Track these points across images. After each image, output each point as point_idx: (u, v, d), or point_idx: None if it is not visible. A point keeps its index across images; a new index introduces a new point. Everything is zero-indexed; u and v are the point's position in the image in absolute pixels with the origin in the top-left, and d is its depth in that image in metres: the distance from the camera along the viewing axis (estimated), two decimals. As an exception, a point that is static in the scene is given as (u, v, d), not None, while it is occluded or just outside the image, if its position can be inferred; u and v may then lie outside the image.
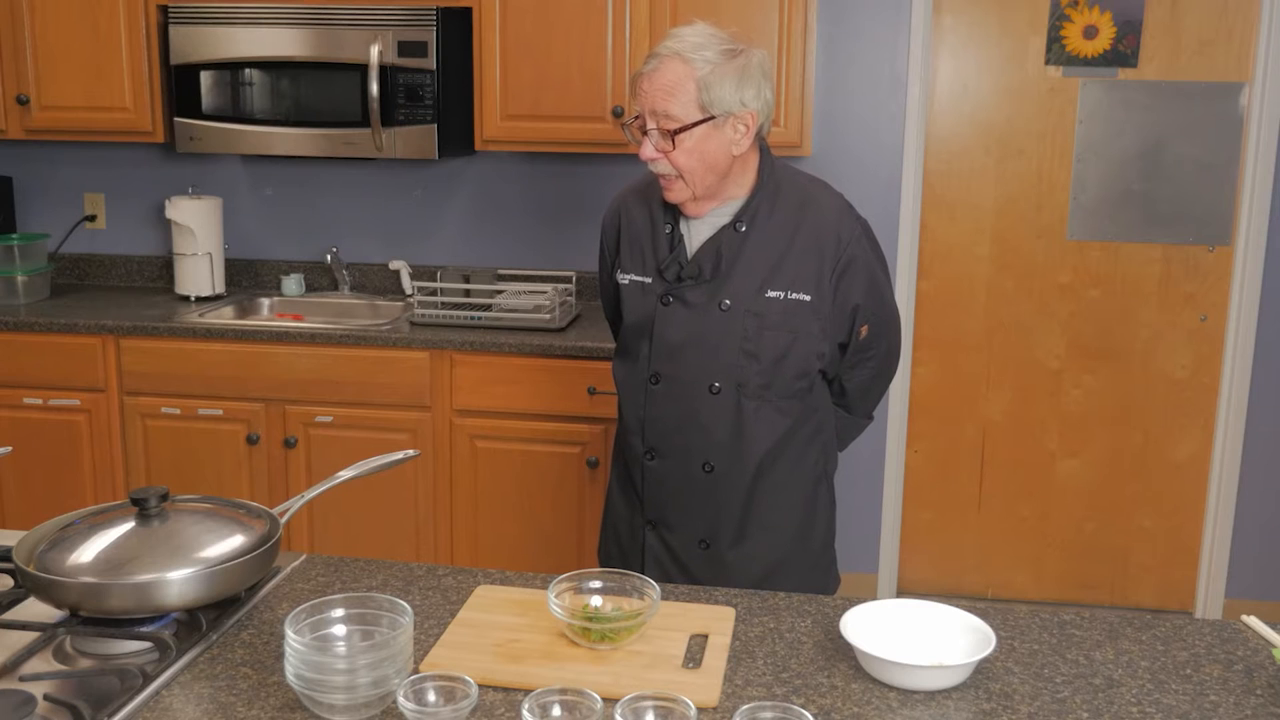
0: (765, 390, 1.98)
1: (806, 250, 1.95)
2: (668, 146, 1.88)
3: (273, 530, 1.56)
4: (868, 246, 2.02)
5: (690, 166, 1.89)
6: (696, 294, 1.97)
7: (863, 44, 3.61)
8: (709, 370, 1.98)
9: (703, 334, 1.97)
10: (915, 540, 3.92)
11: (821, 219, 1.97)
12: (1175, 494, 3.78)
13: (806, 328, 1.96)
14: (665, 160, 1.90)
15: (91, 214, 4.03)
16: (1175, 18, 3.51)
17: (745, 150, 1.94)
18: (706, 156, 1.90)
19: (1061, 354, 3.75)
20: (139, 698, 1.31)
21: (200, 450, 3.39)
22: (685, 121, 1.86)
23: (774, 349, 1.96)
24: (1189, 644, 1.51)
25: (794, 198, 1.99)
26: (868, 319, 2.03)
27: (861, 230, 2.01)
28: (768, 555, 2.05)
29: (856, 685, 1.38)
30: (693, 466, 2.02)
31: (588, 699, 1.24)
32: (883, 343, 2.09)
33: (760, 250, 1.95)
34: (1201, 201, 3.61)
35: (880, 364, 2.12)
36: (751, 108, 1.90)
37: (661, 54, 1.88)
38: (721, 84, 1.86)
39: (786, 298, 1.94)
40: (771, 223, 1.96)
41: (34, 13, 3.51)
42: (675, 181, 1.92)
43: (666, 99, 1.86)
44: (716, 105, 1.87)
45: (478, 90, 3.40)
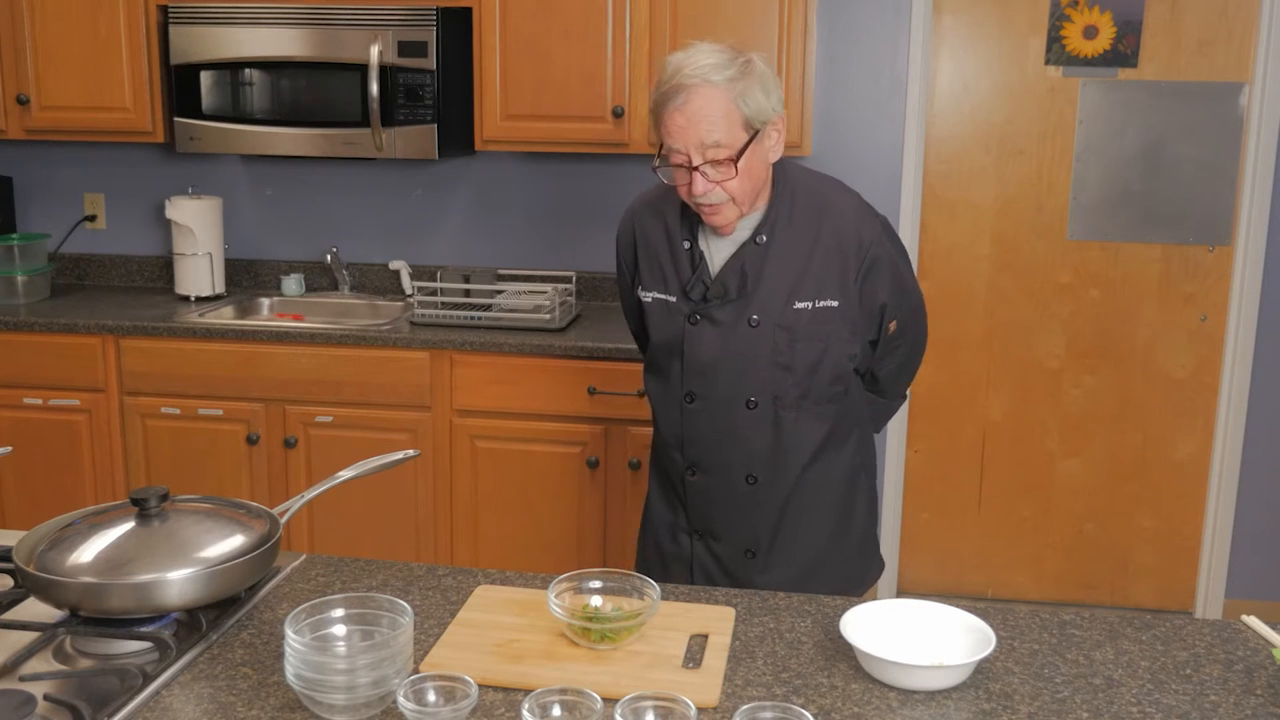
0: (803, 400, 1.96)
1: (829, 255, 1.93)
2: (728, 175, 1.81)
3: (273, 530, 1.56)
4: (889, 244, 2.00)
5: (744, 187, 1.84)
6: (724, 312, 1.94)
7: (863, 44, 3.61)
8: (744, 386, 1.95)
9: (734, 351, 1.94)
10: (915, 540, 3.92)
11: (842, 223, 1.95)
12: (1175, 494, 3.78)
13: (837, 333, 1.94)
14: (719, 189, 1.83)
15: (91, 214, 4.03)
16: (1175, 18, 3.51)
17: (777, 157, 1.91)
18: (754, 173, 1.85)
19: (1061, 354, 3.75)
20: (139, 698, 1.31)
21: (200, 450, 3.39)
22: (737, 145, 1.80)
23: (807, 359, 1.94)
24: (1189, 644, 1.51)
25: (811, 203, 1.95)
26: (895, 315, 2.03)
27: (881, 228, 2.00)
28: (809, 553, 2.05)
29: (856, 685, 1.38)
30: (735, 480, 2.00)
31: (588, 699, 1.24)
32: (911, 330, 2.10)
33: (783, 261, 1.92)
34: (1201, 201, 3.61)
35: (910, 348, 2.13)
36: (780, 111, 1.87)
37: (686, 85, 1.79)
38: (754, 95, 1.80)
39: (815, 306, 1.92)
40: (791, 231, 1.93)
41: (34, 13, 3.51)
42: (725, 207, 1.86)
43: (712, 127, 1.78)
44: (757, 118, 1.82)
45: (478, 90, 3.40)
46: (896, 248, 2.03)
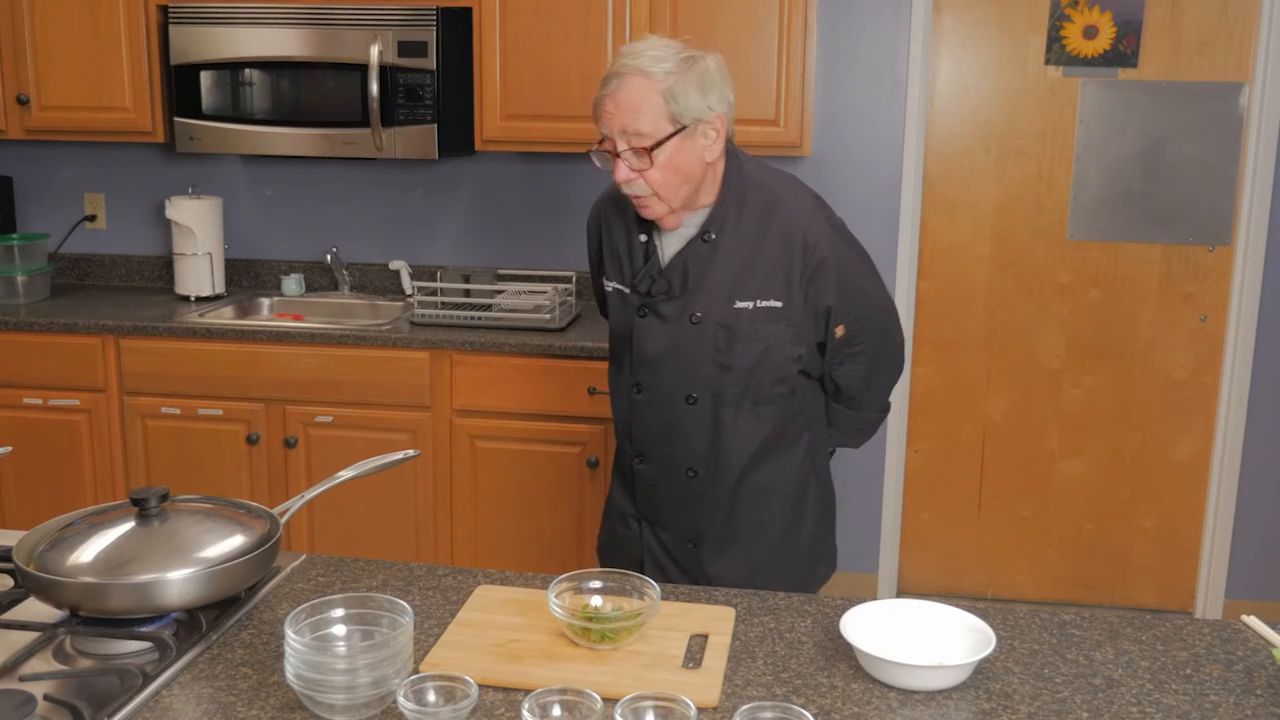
0: (742, 399, 1.97)
1: (775, 256, 1.92)
2: (644, 165, 1.84)
3: (273, 530, 1.56)
4: (841, 246, 1.99)
5: (666, 182, 1.86)
6: (669, 307, 1.96)
7: (863, 44, 3.61)
8: (684, 382, 1.97)
9: (677, 347, 1.96)
10: (915, 540, 3.92)
11: (789, 222, 1.94)
12: (1175, 494, 3.78)
13: (779, 334, 1.94)
14: (641, 180, 1.86)
15: (91, 214, 4.03)
16: (1175, 18, 3.51)
17: (718, 156, 1.92)
18: (681, 168, 1.86)
19: (1061, 354, 3.75)
20: (139, 698, 1.31)
21: (200, 450, 3.39)
22: (657, 136, 1.83)
23: (747, 359, 1.94)
24: (1189, 644, 1.51)
25: (761, 202, 1.95)
26: (843, 318, 1.99)
27: (831, 230, 1.98)
28: (756, 553, 2.06)
29: (856, 685, 1.38)
30: (676, 472, 2.03)
31: (588, 699, 1.24)
32: (869, 335, 2.04)
33: (728, 260, 1.93)
34: (1201, 201, 3.61)
35: (873, 356, 2.07)
36: (718, 110, 1.87)
37: (621, 72, 1.84)
38: (686, 92, 1.82)
39: (756, 306, 1.92)
40: (740, 230, 1.93)
41: (34, 13, 3.51)
42: (650, 200, 1.89)
43: (635, 117, 1.82)
44: (685, 114, 1.83)
45: (478, 90, 3.40)
46: (851, 250, 2.02)
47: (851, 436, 2.17)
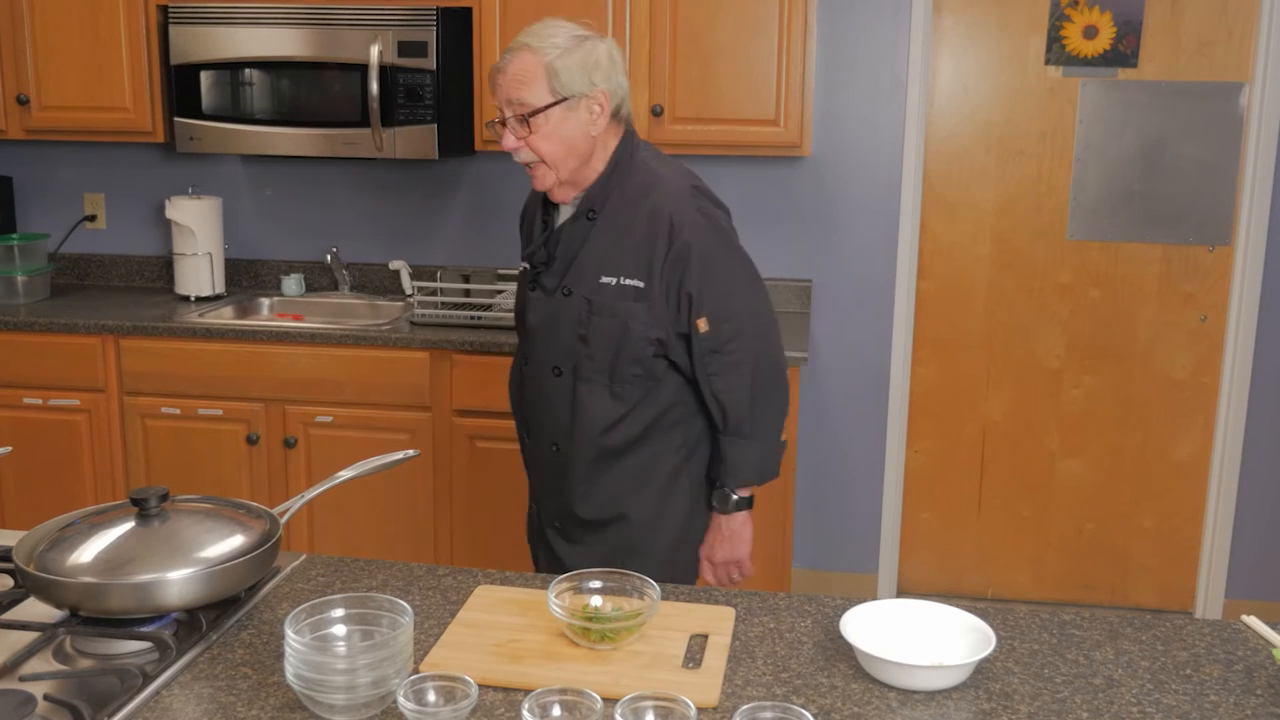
0: (598, 374, 2.02)
1: (643, 234, 1.98)
2: (525, 132, 1.95)
3: (273, 530, 1.56)
4: (711, 238, 2.01)
5: (551, 151, 1.96)
6: (549, 279, 2.06)
7: (863, 44, 3.61)
8: (552, 353, 2.06)
9: (550, 319, 2.05)
10: (915, 540, 3.92)
11: (660, 202, 1.99)
12: (1175, 494, 3.78)
13: (636, 314, 1.98)
14: (526, 148, 1.96)
15: (91, 214, 4.03)
16: (1175, 18, 3.51)
17: (604, 132, 2.00)
18: (566, 139, 1.96)
19: (1061, 354, 3.75)
20: (139, 698, 1.31)
21: (200, 450, 3.39)
22: (537, 105, 1.93)
23: (603, 334, 2.00)
24: (1189, 644, 1.51)
25: (643, 183, 2.01)
26: (706, 311, 1.99)
27: (702, 218, 2.00)
28: (614, 540, 2.08)
29: (856, 685, 1.38)
30: (545, 447, 2.12)
31: (588, 699, 1.24)
32: (742, 344, 2.02)
33: (603, 236, 2.00)
34: (1201, 201, 3.61)
35: (752, 372, 2.02)
36: (602, 87, 1.96)
37: (513, 48, 1.97)
38: (568, 67, 1.93)
39: (619, 284, 1.98)
40: (619, 209, 2.01)
41: (34, 13, 3.51)
42: (539, 168, 1.99)
43: (518, 87, 1.94)
44: (566, 87, 1.93)
45: (478, 90, 3.40)
46: (723, 245, 2.03)
47: (752, 473, 2.09)
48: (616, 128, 2.03)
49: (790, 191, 3.69)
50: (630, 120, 2.07)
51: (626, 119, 2.05)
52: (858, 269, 3.71)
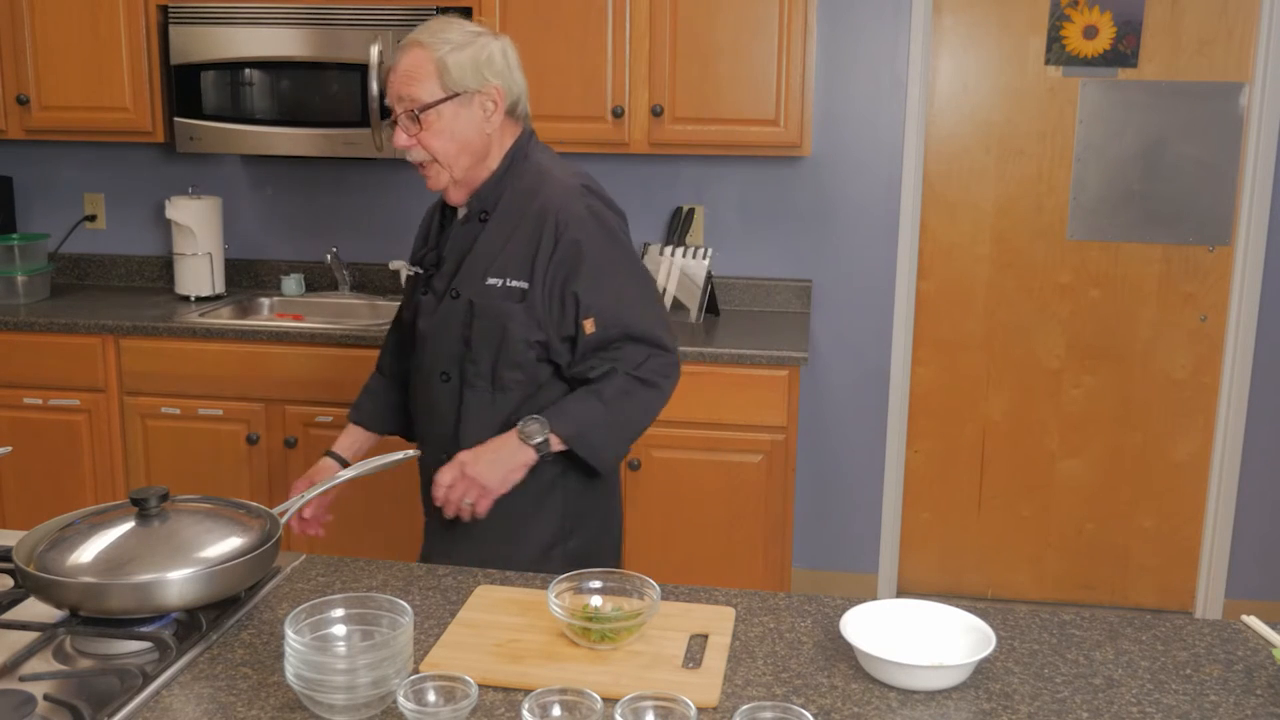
0: (480, 379, 1.97)
1: (530, 235, 1.93)
2: (416, 129, 1.91)
3: (273, 530, 1.56)
4: (599, 234, 1.94)
5: (443, 148, 1.92)
6: (439, 283, 2.01)
7: (863, 44, 3.61)
8: (440, 359, 2.00)
9: (439, 323, 2.00)
10: (915, 540, 3.92)
11: (547, 202, 1.94)
12: (1175, 494, 3.78)
13: (517, 316, 1.92)
14: (418, 145, 1.92)
15: (91, 214, 4.03)
16: (1175, 18, 3.51)
17: (499, 130, 1.96)
18: (458, 136, 1.92)
19: (1061, 354, 3.75)
20: (139, 698, 1.31)
21: (200, 450, 3.39)
22: (427, 101, 1.90)
23: (485, 337, 1.94)
24: (1189, 644, 1.51)
25: (533, 183, 1.97)
26: (593, 313, 1.92)
27: (590, 215, 1.94)
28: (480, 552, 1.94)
29: (856, 685, 1.38)
30: (437, 455, 2.01)
31: (588, 699, 1.24)
32: (629, 350, 1.94)
33: (492, 238, 1.96)
34: (1201, 201, 3.61)
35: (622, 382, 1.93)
36: (495, 83, 1.93)
37: (405, 45, 1.93)
38: (460, 62, 1.90)
39: (504, 285, 1.93)
40: (509, 210, 1.96)
41: (34, 13, 3.51)
42: (431, 167, 1.95)
43: (409, 83, 1.90)
44: (458, 83, 1.90)
45: (478, 90, 3.40)
46: (613, 247, 1.96)
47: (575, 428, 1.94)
48: (513, 127, 1.99)
49: (790, 191, 3.69)
50: (528, 120, 2.02)
51: (524, 118, 2.00)
52: (858, 269, 3.71)
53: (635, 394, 1.94)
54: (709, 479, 3.20)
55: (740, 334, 3.35)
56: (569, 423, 1.91)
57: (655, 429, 3.17)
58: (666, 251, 3.57)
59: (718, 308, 3.64)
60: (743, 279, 3.73)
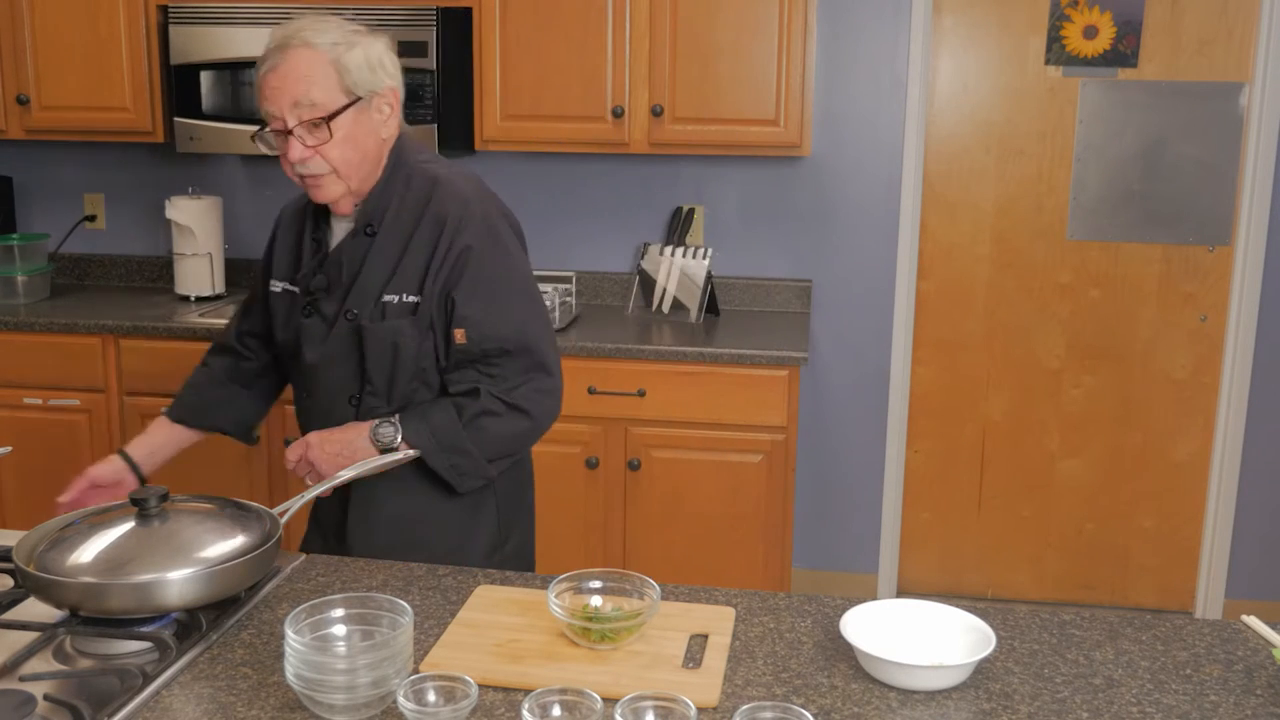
0: (377, 399, 1.87)
1: (424, 246, 1.82)
2: (323, 137, 1.75)
3: (273, 530, 1.56)
4: (489, 244, 1.84)
5: (346, 157, 1.78)
6: (329, 304, 1.87)
7: (863, 44, 3.61)
8: (345, 382, 1.89)
9: (334, 347, 1.87)
10: (915, 540, 3.92)
11: (441, 209, 1.83)
12: (1175, 494, 3.78)
13: (403, 331, 1.83)
14: (317, 156, 1.77)
15: (91, 214, 4.03)
16: (1175, 18, 3.51)
17: (391, 135, 1.85)
18: (360, 143, 1.79)
19: (1061, 354, 3.75)
20: (139, 698, 1.31)
21: (200, 450, 3.38)
22: (333, 107, 1.75)
23: (379, 358, 1.85)
24: (1189, 644, 1.51)
25: (421, 190, 1.85)
26: (465, 324, 1.82)
27: (484, 223, 1.84)
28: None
29: (856, 685, 1.38)
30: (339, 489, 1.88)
31: (588, 699, 1.24)
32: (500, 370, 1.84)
33: (383, 252, 1.84)
34: (1201, 201, 3.61)
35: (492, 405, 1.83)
36: (390, 84, 1.82)
37: (284, 46, 1.76)
38: (356, 63, 1.76)
39: (401, 301, 1.83)
40: (399, 220, 1.84)
41: (34, 13, 3.51)
42: (326, 179, 1.80)
43: (306, 86, 1.73)
44: (360, 85, 1.77)
45: (478, 90, 3.40)
46: (500, 253, 1.86)
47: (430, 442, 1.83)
48: (397, 130, 1.87)
49: (790, 191, 3.69)
50: (402, 122, 1.89)
51: (401, 119, 1.88)
52: (858, 269, 3.71)
53: (502, 417, 1.84)
54: (709, 479, 3.20)
55: (740, 334, 3.35)
56: (423, 435, 1.82)
57: (655, 429, 3.19)
58: (666, 251, 3.57)
59: (718, 308, 3.64)
60: (743, 279, 3.73)
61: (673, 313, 3.56)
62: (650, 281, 3.60)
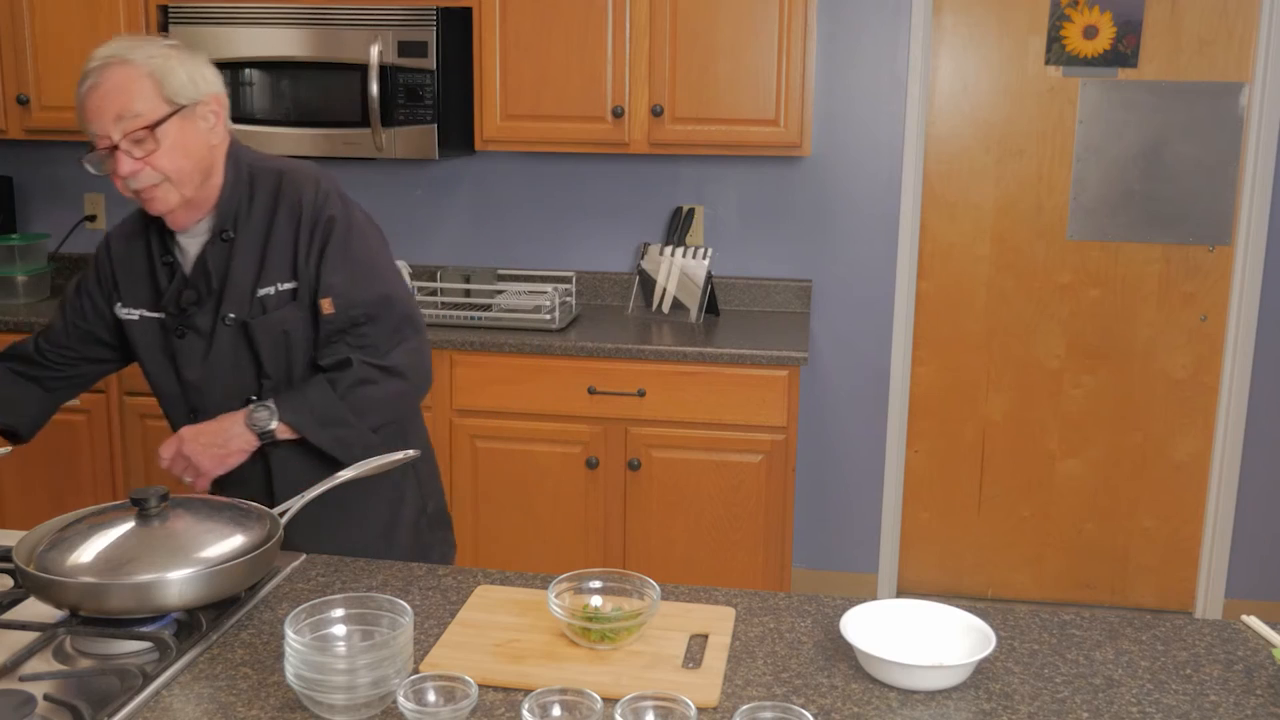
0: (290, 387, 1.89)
1: (286, 232, 1.86)
2: (150, 148, 1.77)
3: (273, 530, 1.56)
4: (346, 215, 1.89)
5: (177, 167, 1.79)
6: (202, 317, 1.89)
7: (863, 44, 3.61)
8: (237, 387, 1.89)
9: (220, 355, 1.88)
10: (915, 540, 3.92)
11: (295, 194, 1.87)
12: (1175, 494, 3.78)
13: (293, 317, 1.87)
14: (147, 168, 1.78)
15: (91, 214, 4.03)
16: (1175, 18, 3.51)
17: (221, 141, 1.87)
18: (189, 150, 1.81)
19: (1061, 354, 3.75)
20: (139, 698, 1.31)
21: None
22: (155, 116, 1.77)
23: (273, 352, 1.87)
24: (1189, 644, 1.51)
25: (269, 184, 1.89)
26: (332, 292, 1.85)
27: (339, 197, 1.90)
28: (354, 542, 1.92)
29: (856, 685, 1.38)
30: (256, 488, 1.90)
31: (588, 699, 1.24)
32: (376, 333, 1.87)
33: (247, 250, 1.87)
34: (1201, 201, 3.61)
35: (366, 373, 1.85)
36: (212, 92, 1.84)
37: (100, 66, 1.77)
38: (174, 72, 1.79)
39: (277, 291, 1.86)
40: (253, 218, 1.87)
41: (34, 13, 3.51)
42: (162, 190, 1.80)
43: (128, 99, 1.75)
44: (180, 94, 1.79)
45: (478, 90, 3.40)
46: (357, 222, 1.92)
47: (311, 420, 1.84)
48: (228, 137, 1.90)
49: (790, 191, 3.69)
50: (229, 127, 1.91)
51: (230, 127, 1.91)
52: (858, 269, 3.71)
53: (378, 384, 1.86)
54: (709, 479, 3.20)
55: (740, 334, 3.35)
56: (301, 413, 1.83)
57: (655, 429, 3.19)
58: (666, 251, 3.58)
59: (718, 308, 3.64)
60: (743, 279, 3.73)
61: (673, 313, 3.56)
62: (650, 281, 3.60)
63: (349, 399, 1.85)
